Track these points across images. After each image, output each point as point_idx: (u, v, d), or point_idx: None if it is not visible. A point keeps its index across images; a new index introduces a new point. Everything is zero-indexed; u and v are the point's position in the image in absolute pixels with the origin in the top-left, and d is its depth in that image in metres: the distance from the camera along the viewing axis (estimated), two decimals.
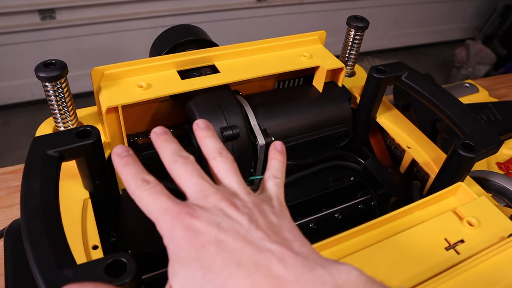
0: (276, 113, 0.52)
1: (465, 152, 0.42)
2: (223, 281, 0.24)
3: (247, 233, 0.26)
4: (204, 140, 0.34)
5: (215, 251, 0.25)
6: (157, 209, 0.28)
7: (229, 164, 0.32)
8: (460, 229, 0.37)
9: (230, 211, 0.28)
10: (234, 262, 0.25)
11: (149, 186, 0.29)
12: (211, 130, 0.34)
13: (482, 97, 0.92)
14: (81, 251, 0.36)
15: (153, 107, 0.54)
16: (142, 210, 0.29)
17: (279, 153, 0.35)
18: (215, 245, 0.26)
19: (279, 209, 0.30)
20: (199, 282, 0.25)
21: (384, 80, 0.52)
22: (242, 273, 0.24)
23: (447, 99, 0.49)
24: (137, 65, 0.47)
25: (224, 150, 0.33)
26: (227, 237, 0.26)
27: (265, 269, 0.24)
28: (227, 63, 0.51)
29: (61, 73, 0.41)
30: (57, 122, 0.45)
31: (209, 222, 0.27)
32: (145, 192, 0.29)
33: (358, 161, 0.59)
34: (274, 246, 0.26)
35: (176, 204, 0.28)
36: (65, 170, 0.42)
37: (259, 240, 0.26)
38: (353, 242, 0.37)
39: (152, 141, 0.33)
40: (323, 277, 0.24)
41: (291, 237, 0.27)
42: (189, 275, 0.25)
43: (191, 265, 0.25)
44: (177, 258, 0.26)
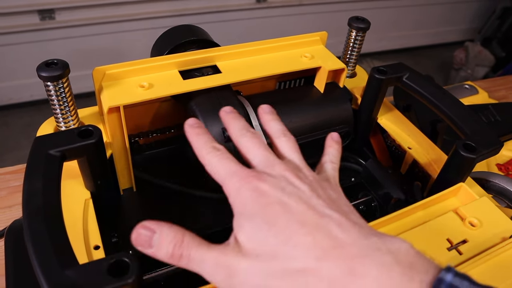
0: (277, 114, 0.52)
1: (467, 153, 0.42)
2: (287, 235, 0.26)
3: (309, 199, 0.28)
4: (269, 123, 0.37)
5: (280, 211, 0.27)
6: (226, 172, 0.30)
7: (292, 143, 0.35)
8: (462, 229, 0.37)
9: (294, 180, 0.30)
10: (297, 221, 0.27)
11: (219, 153, 0.32)
12: (275, 115, 0.38)
13: (482, 98, 0.92)
14: (82, 251, 0.36)
15: (155, 107, 0.54)
16: (210, 174, 0.31)
17: (336, 143, 0.38)
18: (279, 206, 0.28)
19: (336, 187, 0.32)
20: (264, 234, 0.27)
21: (385, 81, 0.52)
22: (304, 231, 0.26)
23: (448, 100, 0.49)
24: (139, 65, 0.47)
25: (288, 132, 0.36)
26: (291, 200, 0.28)
27: (325, 230, 0.26)
28: (228, 64, 0.51)
29: (63, 72, 0.41)
30: (59, 122, 0.45)
31: (274, 186, 0.29)
32: (215, 157, 0.31)
33: (359, 162, 0.59)
34: (333, 213, 0.28)
35: (244, 169, 0.30)
36: (67, 170, 0.42)
37: (320, 206, 0.28)
38: None
39: (221, 118, 0.37)
40: (378, 244, 0.26)
41: (348, 209, 0.29)
42: (255, 227, 0.27)
43: (257, 220, 0.27)
44: (243, 213, 0.28)
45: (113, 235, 0.46)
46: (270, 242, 0.26)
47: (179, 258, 0.28)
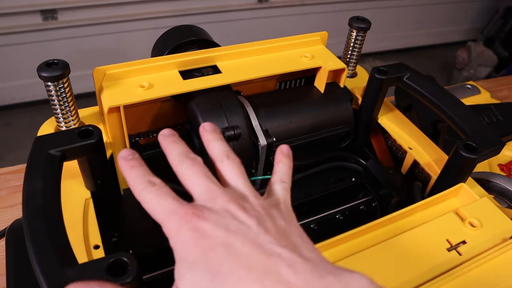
0: (278, 114, 0.52)
1: (467, 153, 0.42)
2: (232, 285, 0.24)
3: (256, 236, 0.26)
4: (210, 143, 0.34)
5: (224, 255, 0.25)
6: (163, 210, 0.28)
7: (236, 167, 0.32)
8: (462, 230, 0.37)
9: (239, 214, 0.27)
10: (243, 266, 0.24)
11: (154, 188, 0.29)
12: (217, 133, 0.34)
13: (484, 98, 0.92)
14: (82, 251, 0.36)
15: (155, 107, 0.54)
16: (148, 212, 0.29)
17: (286, 157, 0.35)
18: (223, 248, 0.25)
19: (287, 213, 0.30)
20: (207, 285, 0.24)
21: (386, 81, 0.52)
22: (252, 278, 0.24)
23: (449, 100, 0.49)
24: (139, 65, 0.47)
25: (231, 153, 0.33)
26: (236, 240, 0.25)
27: (274, 274, 0.24)
28: (229, 64, 0.51)
29: (63, 72, 0.41)
30: (59, 122, 0.45)
31: (217, 224, 0.26)
32: (150, 193, 0.29)
33: (360, 162, 0.59)
34: (283, 250, 0.25)
35: (182, 205, 0.28)
36: (67, 170, 0.42)
37: (268, 243, 0.25)
38: (354, 243, 0.37)
39: (160, 143, 0.33)
40: (333, 285, 0.23)
41: (300, 242, 0.27)
42: (196, 278, 0.25)
43: (199, 268, 0.25)
44: (184, 260, 0.26)
45: (113, 234, 0.46)
46: None
47: None
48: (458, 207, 0.40)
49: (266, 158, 0.50)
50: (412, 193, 0.52)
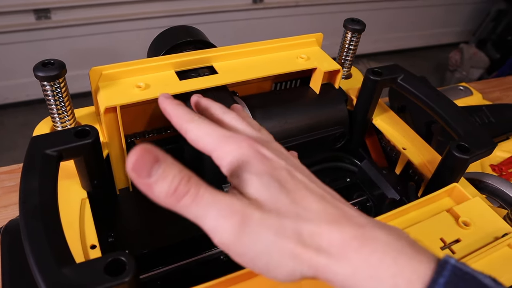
0: (273, 115, 0.52)
1: (460, 153, 0.43)
2: (298, 197, 0.26)
3: (309, 176, 0.29)
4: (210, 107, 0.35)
5: (287, 176, 0.27)
6: (219, 135, 0.28)
7: (241, 118, 0.33)
8: (456, 229, 0.38)
9: (290, 157, 0.30)
10: (305, 188, 0.27)
11: (203, 119, 0.30)
12: (201, 97, 0.37)
13: (476, 100, 0.93)
14: (79, 251, 0.36)
15: (151, 108, 0.54)
16: (197, 142, 0.29)
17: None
18: (286, 172, 0.27)
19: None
20: (275, 191, 0.26)
21: (380, 82, 0.52)
22: (314, 198, 0.26)
23: (442, 101, 0.50)
24: (136, 65, 0.47)
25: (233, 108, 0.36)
26: (295, 172, 0.28)
27: (331, 202, 0.26)
28: (225, 64, 0.51)
29: (60, 72, 0.41)
30: (55, 122, 0.45)
31: (277, 155, 0.28)
32: (203, 123, 0.29)
33: (354, 163, 0.59)
34: (331, 191, 0.28)
35: (238, 134, 0.29)
36: (63, 170, 0.42)
37: (319, 184, 0.28)
38: None
39: (161, 106, 0.34)
40: (380, 223, 0.26)
41: (314, 179, 0.29)
42: (265, 183, 0.26)
43: (266, 177, 0.26)
44: (248, 170, 0.27)
45: (110, 234, 0.46)
46: (282, 200, 0.26)
47: (184, 195, 0.24)
48: (451, 207, 0.40)
49: None
50: (406, 193, 0.52)
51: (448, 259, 0.24)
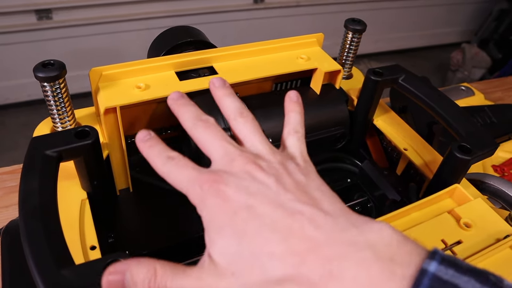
0: (274, 115, 0.52)
1: (462, 154, 0.42)
2: (259, 245, 0.25)
3: (276, 196, 0.26)
4: (222, 100, 0.34)
5: (247, 217, 0.25)
6: (186, 180, 0.28)
7: (250, 124, 0.32)
8: (457, 230, 0.38)
9: (257, 174, 0.27)
10: (267, 226, 0.25)
11: (174, 162, 0.29)
12: (228, 88, 0.35)
13: (478, 100, 0.93)
14: (79, 252, 0.36)
15: (151, 108, 0.54)
16: (173, 186, 0.29)
17: (296, 104, 0.36)
18: (246, 211, 0.26)
19: (304, 166, 0.30)
20: (235, 248, 0.25)
21: (381, 82, 0.52)
22: (277, 238, 0.24)
23: (443, 102, 0.50)
24: (136, 66, 0.47)
25: (245, 110, 0.33)
26: (257, 202, 0.26)
27: (298, 231, 0.24)
28: (225, 65, 0.51)
29: (60, 73, 0.41)
30: (55, 122, 0.45)
31: (237, 187, 0.27)
32: (172, 167, 0.29)
33: (355, 163, 0.59)
34: (304, 207, 0.26)
35: (202, 173, 0.28)
36: (63, 171, 0.42)
37: (289, 202, 0.26)
38: None
39: (170, 107, 0.33)
40: (355, 237, 0.24)
41: (320, 195, 0.27)
42: (225, 241, 0.25)
43: (226, 232, 0.25)
44: (211, 226, 0.26)
45: (110, 235, 0.46)
46: (244, 255, 0.25)
47: None
48: (452, 208, 0.40)
49: None
50: (407, 194, 0.52)
51: (426, 266, 0.22)
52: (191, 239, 0.49)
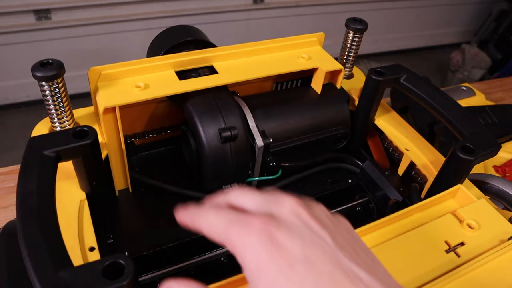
0: (275, 115, 0.51)
1: (465, 154, 0.42)
2: None
3: (334, 253, 0.23)
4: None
5: (305, 272, 0.22)
6: (223, 222, 0.24)
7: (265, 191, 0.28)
8: (460, 231, 0.37)
9: (311, 223, 0.24)
10: (326, 286, 0.22)
11: (207, 206, 0.26)
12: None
13: (479, 100, 0.92)
14: (77, 253, 0.36)
15: (151, 108, 0.53)
16: (208, 236, 0.26)
17: None
18: (303, 266, 0.22)
19: (346, 224, 0.27)
20: None
21: (383, 82, 0.52)
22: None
23: (446, 102, 0.49)
24: (135, 65, 0.46)
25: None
26: (316, 256, 0.23)
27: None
28: (225, 64, 0.50)
29: (58, 72, 0.41)
30: (54, 122, 0.45)
31: (291, 233, 0.23)
32: (206, 212, 0.26)
33: (356, 163, 0.59)
34: (361, 272, 0.23)
35: (245, 215, 0.24)
36: (61, 171, 0.41)
37: (347, 263, 0.23)
38: None
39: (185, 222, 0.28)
40: None
41: (371, 261, 0.25)
42: None
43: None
44: (259, 280, 0.23)
45: (109, 236, 0.46)
46: None
47: None
48: (455, 209, 0.40)
49: (263, 159, 0.50)
50: (409, 195, 0.52)
51: None
52: (192, 240, 0.48)
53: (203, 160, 0.47)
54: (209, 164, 0.47)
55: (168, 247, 0.47)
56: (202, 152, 0.46)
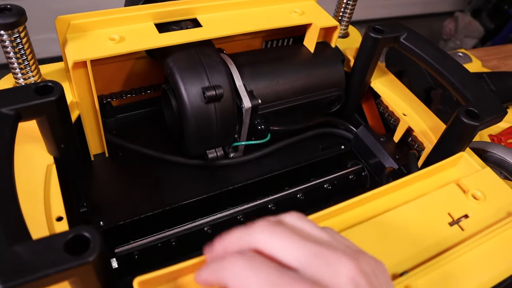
0: (264, 74, 0.47)
1: (469, 119, 0.39)
2: None
3: None
4: None
5: None
6: (260, 285, 0.20)
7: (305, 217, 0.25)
8: (464, 203, 0.34)
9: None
10: None
11: (232, 260, 0.22)
12: None
13: (475, 67, 0.89)
14: (43, 223, 0.32)
15: (128, 65, 0.49)
16: None
17: None
18: None
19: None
20: None
21: (382, 40, 0.47)
22: None
23: (449, 64, 0.45)
24: (109, 15, 0.41)
25: None
26: None
27: None
28: (211, 17, 0.45)
29: (19, 19, 0.36)
30: (17, 78, 0.40)
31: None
32: (234, 267, 0.21)
33: (350, 129, 0.55)
34: None
35: (290, 279, 0.20)
36: (26, 132, 0.37)
37: None
38: (346, 216, 0.34)
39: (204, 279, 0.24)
40: None
41: None
42: None
43: None
44: None
45: (82, 204, 0.42)
46: None
47: None
48: (458, 178, 0.37)
49: (251, 122, 0.46)
50: (407, 163, 0.49)
51: None
52: (173, 209, 0.45)
53: (185, 122, 0.43)
54: (192, 126, 0.43)
55: (147, 216, 0.44)
56: (184, 113, 0.42)
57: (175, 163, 0.49)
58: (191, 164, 0.49)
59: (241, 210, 0.46)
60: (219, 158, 0.48)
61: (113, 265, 0.41)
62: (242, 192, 0.48)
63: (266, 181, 0.50)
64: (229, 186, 0.48)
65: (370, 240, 0.31)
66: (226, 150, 0.50)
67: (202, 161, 0.49)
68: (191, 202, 0.46)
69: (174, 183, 0.47)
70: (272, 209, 0.48)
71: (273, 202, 0.48)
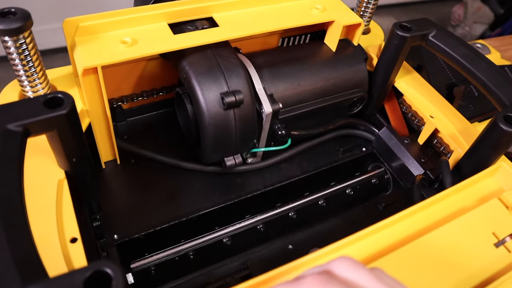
0: (284, 75, 0.45)
1: (508, 126, 0.36)
2: None
3: None
4: None
5: None
6: None
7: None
8: (510, 220, 0.32)
9: None
10: None
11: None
12: None
13: (495, 59, 0.86)
14: (56, 247, 0.30)
15: (140, 67, 0.46)
16: None
17: None
18: None
19: None
20: None
21: (409, 39, 0.45)
22: None
23: (483, 64, 0.43)
24: (120, 16, 0.39)
25: None
26: None
27: None
28: (227, 15, 0.43)
29: (24, 24, 0.33)
30: (24, 86, 0.37)
31: None
32: None
33: (371, 130, 0.53)
34: None
35: None
36: (35, 145, 0.35)
37: None
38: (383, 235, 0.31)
39: None
40: None
41: None
42: None
43: None
44: None
45: (95, 218, 0.40)
46: None
47: None
48: (497, 190, 0.34)
49: (271, 127, 0.44)
50: (433, 167, 0.46)
51: None
52: (190, 220, 0.42)
53: (202, 129, 0.40)
54: (209, 133, 0.40)
55: (163, 228, 0.41)
56: (201, 120, 0.40)
57: (190, 170, 0.46)
58: (207, 171, 0.46)
59: (261, 220, 0.44)
60: (237, 165, 0.45)
61: (129, 280, 0.39)
62: (261, 200, 0.46)
63: (286, 188, 0.47)
64: (248, 194, 0.45)
65: (409, 269, 0.28)
66: (244, 155, 0.47)
67: (219, 167, 0.46)
68: (209, 212, 0.43)
69: (189, 192, 0.45)
70: (293, 217, 0.46)
71: (294, 210, 0.46)
